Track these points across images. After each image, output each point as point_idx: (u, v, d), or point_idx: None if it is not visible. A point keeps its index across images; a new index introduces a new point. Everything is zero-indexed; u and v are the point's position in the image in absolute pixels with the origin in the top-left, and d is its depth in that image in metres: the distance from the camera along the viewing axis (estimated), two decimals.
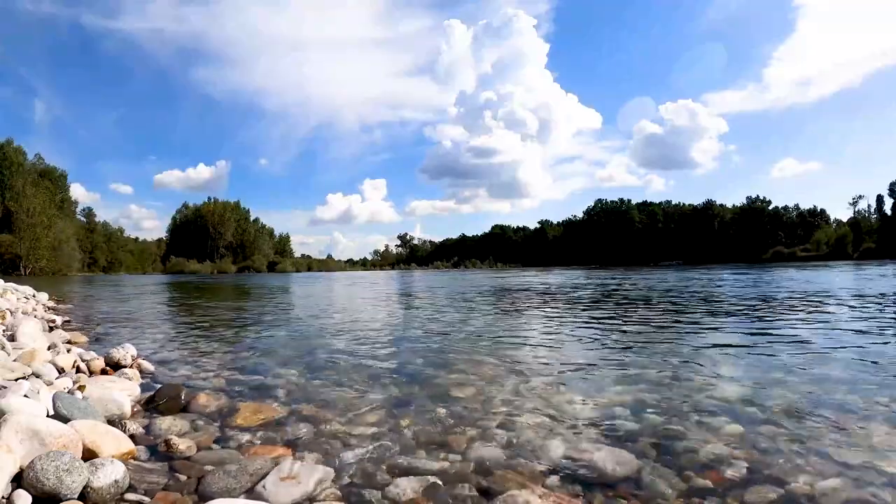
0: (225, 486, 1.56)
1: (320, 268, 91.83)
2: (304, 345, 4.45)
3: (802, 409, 2.31)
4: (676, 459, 1.77)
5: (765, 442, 1.91)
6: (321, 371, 3.26)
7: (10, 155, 57.90)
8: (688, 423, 2.14)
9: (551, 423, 2.18)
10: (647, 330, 5.12)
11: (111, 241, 75.99)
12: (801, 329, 4.90)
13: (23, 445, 1.53)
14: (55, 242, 56.12)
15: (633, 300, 9.08)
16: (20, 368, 2.50)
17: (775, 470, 1.67)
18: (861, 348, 3.83)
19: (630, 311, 7.17)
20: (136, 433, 2.02)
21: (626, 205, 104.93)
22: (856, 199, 79.74)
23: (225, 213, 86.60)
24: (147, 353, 3.82)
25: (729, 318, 6.07)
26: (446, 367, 3.39)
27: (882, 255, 58.47)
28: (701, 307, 7.42)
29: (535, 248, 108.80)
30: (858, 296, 8.85)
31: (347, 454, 1.85)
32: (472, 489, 1.59)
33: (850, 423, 2.10)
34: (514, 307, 8.44)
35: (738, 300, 8.46)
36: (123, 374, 2.93)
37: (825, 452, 1.80)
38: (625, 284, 14.60)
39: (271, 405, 2.44)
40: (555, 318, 6.57)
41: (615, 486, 1.60)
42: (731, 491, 1.54)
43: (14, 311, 5.61)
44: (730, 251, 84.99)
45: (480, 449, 1.89)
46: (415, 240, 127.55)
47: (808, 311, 6.57)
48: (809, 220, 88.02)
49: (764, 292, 10.01)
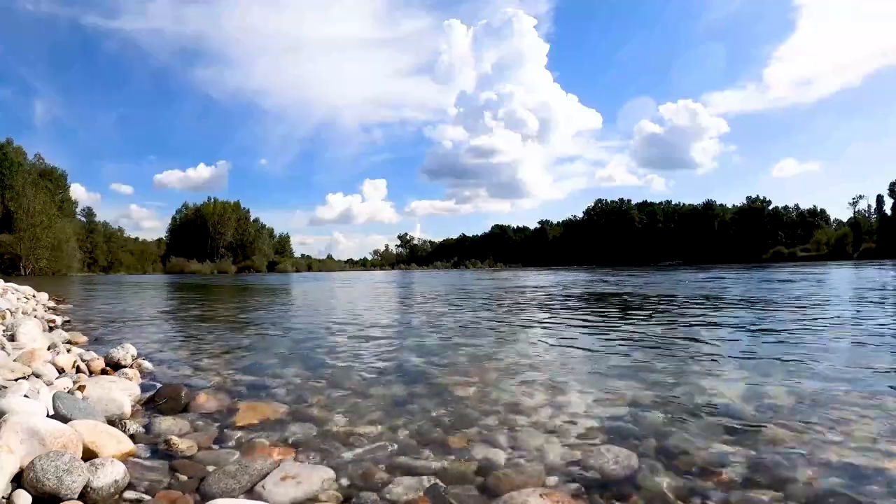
0: (225, 486, 1.56)
1: (320, 268, 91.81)
2: (304, 344, 4.44)
3: (802, 408, 2.31)
4: (676, 459, 1.77)
5: (765, 442, 1.91)
6: (321, 370, 3.26)
7: (10, 155, 57.81)
8: (688, 423, 2.13)
9: (551, 422, 2.18)
10: (647, 330, 5.12)
11: (111, 241, 75.95)
12: (801, 329, 4.89)
13: (23, 445, 1.53)
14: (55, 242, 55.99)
15: (633, 300, 9.08)
16: (20, 368, 2.50)
17: (775, 470, 1.67)
18: (861, 348, 3.83)
19: (630, 312, 7.17)
20: (136, 433, 2.02)
21: (626, 205, 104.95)
22: (856, 199, 79.85)
23: (225, 213, 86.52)
24: (147, 353, 3.82)
25: (729, 318, 6.06)
26: (446, 366, 3.39)
27: (882, 255, 58.47)
28: (700, 307, 7.42)
29: (535, 249, 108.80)
30: (858, 296, 8.85)
31: (347, 454, 1.85)
32: (473, 489, 1.59)
33: (850, 423, 2.10)
34: (513, 307, 8.44)
35: (737, 300, 8.46)
36: (123, 374, 2.93)
37: (825, 452, 1.80)
38: (624, 284, 14.59)
39: (271, 405, 2.44)
40: (555, 318, 6.57)
41: (615, 486, 1.60)
42: (731, 491, 1.54)
43: (14, 311, 5.61)
44: (730, 251, 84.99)
45: (481, 449, 1.89)
46: (415, 240, 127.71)
47: (808, 310, 6.57)
48: (809, 220, 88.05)
49: (763, 292, 10.01)
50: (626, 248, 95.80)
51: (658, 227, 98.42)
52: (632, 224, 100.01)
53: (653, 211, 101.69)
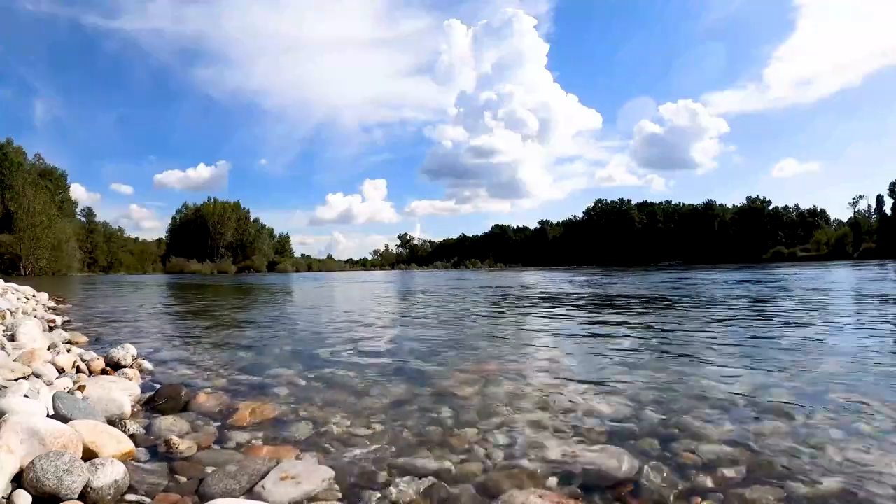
0: (225, 486, 1.56)
1: (320, 268, 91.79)
2: (304, 344, 4.44)
3: (803, 408, 2.31)
4: (676, 459, 1.77)
5: (765, 442, 1.91)
6: (321, 370, 3.26)
7: (10, 155, 57.77)
8: (688, 423, 2.13)
9: (551, 422, 2.18)
10: (647, 329, 5.12)
11: (111, 241, 75.96)
12: (801, 328, 4.90)
13: (23, 445, 1.52)
14: (55, 242, 55.99)
15: (633, 300, 9.08)
16: (20, 368, 2.50)
17: (775, 470, 1.67)
18: (861, 348, 3.83)
19: (630, 312, 7.17)
20: (136, 433, 2.02)
21: (626, 205, 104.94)
22: (856, 199, 79.86)
23: (225, 213, 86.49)
24: (147, 353, 3.82)
25: (728, 318, 6.06)
26: (446, 366, 3.39)
27: (882, 255, 58.46)
28: (700, 307, 7.42)
29: (535, 249, 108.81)
30: (858, 295, 8.85)
31: (347, 454, 1.85)
32: (473, 489, 1.59)
33: (850, 423, 2.10)
34: (513, 307, 8.44)
35: (737, 300, 8.46)
36: (123, 374, 2.93)
37: (826, 452, 1.80)
38: (624, 285, 14.59)
39: (271, 405, 2.44)
40: (555, 318, 6.57)
41: (615, 486, 1.60)
42: (731, 491, 1.54)
43: (14, 311, 5.61)
44: (730, 251, 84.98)
45: (481, 449, 1.89)
46: (415, 240, 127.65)
47: (808, 310, 6.57)
48: (809, 220, 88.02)
49: (763, 292, 10.00)
50: (626, 249, 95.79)
51: (658, 227, 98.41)
52: (632, 224, 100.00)
53: (653, 211, 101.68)
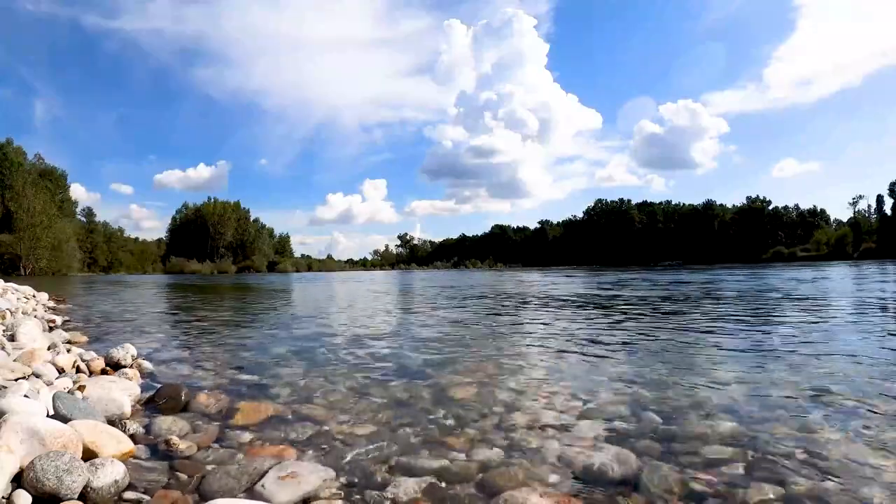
0: (225, 485, 1.56)
1: (320, 268, 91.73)
2: (304, 344, 4.44)
3: (802, 408, 2.31)
4: (676, 459, 1.77)
5: (765, 442, 1.91)
6: (321, 370, 3.26)
7: (10, 155, 57.69)
8: (688, 423, 2.14)
9: (551, 422, 2.18)
10: (647, 330, 5.12)
11: (111, 241, 75.87)
12: (801, 328, 4.90)
13: (23, 445, 1.53)
14: (55, 242, 55.93)
15: (633, 300, 9.08)
16: (20, 368, 2.50)
17: (775, 470, 1.67)
18: (861, 347, 3.82)
19: (630, 311, 7.17)
20: (136, 433, 2.02)
21: (625, 205, 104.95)
22: (856, 199, 79.82)
23: (225, 213, 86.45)
24: (147, 353, 3.82)
25: (728, 318, 6.06)
26: (446, 366, 3.39)
27: (882, 255, 58.45)
28: (700, 307, 7.42)
29: (535, 248, 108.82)
30: (858, 295, 8.85)
31: (347, 453, 1.85)
32: (473, 489, 1.59)
33: (850, 422, 2.10)
34: (513, 307, 8.44)
35: (737, 300, 8.46)
36: (123, 374, 2.93)
37: (826, 452, 1.80)
38: (624, 284, 14.59)
39: (271, 404, 2.44)
40: (554, 317, 6.57)
41: (615, 486, 1.60)
42: (731, 491, 1.54)
43: (14, 311, 5.61)
44: (730, 251, 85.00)
45: (480, 449, 1.89)
46: (415, 240, 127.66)
47: (808, 310, 6.57)
48: (809, 220, 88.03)
49: (763, 292, 10.00)
50: (626, 248, 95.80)
51: (658, 227, 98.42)
52: (632, 224, 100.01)
53: (653, 211, 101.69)
